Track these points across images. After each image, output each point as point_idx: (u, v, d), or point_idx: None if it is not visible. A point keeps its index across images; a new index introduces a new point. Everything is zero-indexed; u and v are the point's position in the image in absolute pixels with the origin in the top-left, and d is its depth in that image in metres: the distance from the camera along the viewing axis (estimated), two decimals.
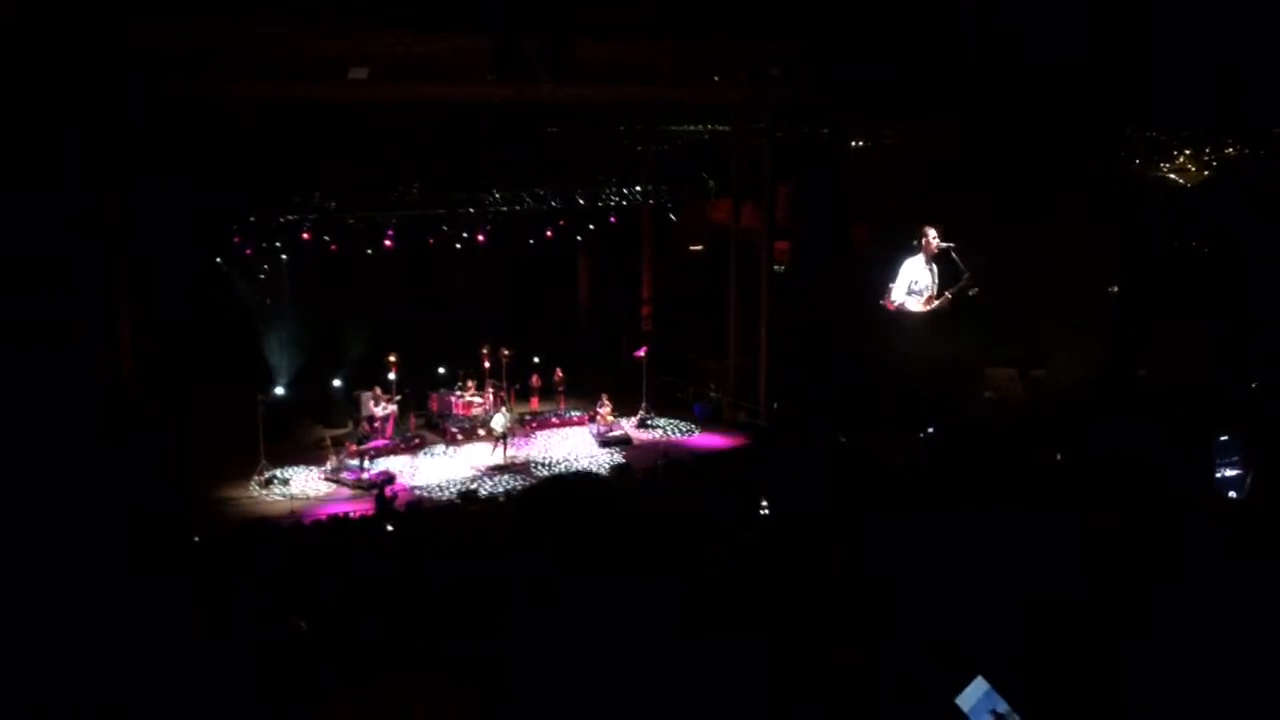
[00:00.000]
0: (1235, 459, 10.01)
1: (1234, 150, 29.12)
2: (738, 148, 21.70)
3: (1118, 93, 22.67)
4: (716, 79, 20.51)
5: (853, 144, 26.47)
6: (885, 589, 6.91)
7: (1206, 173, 29.29)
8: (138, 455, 15.07)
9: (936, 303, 20.09)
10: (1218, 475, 9.94)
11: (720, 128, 25.95)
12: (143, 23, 14.83)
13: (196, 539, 13.53)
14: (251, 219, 18.34)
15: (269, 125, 19.58)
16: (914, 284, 21.19)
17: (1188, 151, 29.54)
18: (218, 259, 18.42)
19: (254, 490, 17.46)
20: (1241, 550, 6.90)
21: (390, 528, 13.70)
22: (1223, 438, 10.22)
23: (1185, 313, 20.10)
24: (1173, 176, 29.71)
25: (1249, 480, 9.74)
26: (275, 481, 17.67)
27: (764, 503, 12.10)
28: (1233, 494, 9.80)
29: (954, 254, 20.03)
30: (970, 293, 20.16)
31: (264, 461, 17.85)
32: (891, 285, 21.63)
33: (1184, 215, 25.87)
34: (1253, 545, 6.98)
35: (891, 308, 21.48)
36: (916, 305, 20.84)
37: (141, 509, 13.42)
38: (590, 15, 17.75)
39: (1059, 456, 13.82)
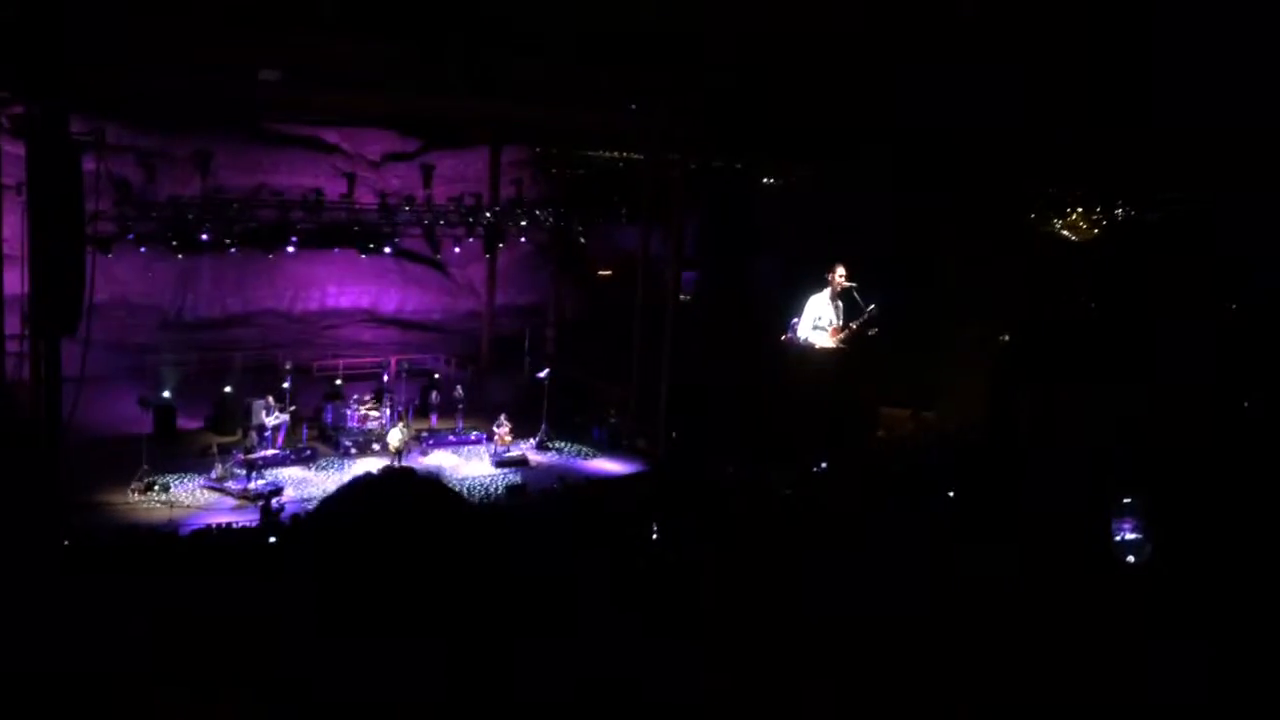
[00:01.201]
0: (1135, 522, 9.84)
1: (1123, 211, 30.46)
2: (650, 176, 21.90)
3: (1019, 148, 23.53)
4: (634, 107, 20.72)
5: (764, 179, 26.95)
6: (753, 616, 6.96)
7: (1096, 231, 30.56)
8: (13, 453, 14.46)
9: (841, 335, 20.48)
10: (1117, 538, 9.81)
11: (634, 156, 26.18)
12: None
13: (66, 543, 12.98)
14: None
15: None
16: (819, 319, 21.59)
17: (1080, 209, 30.79)
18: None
19: (132, 496, 16.85)
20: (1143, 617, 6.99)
21: (273, 540, 13.34)
22: (1125, 500, 10.09)
23: (1076, 367, 20.79)
24: (1065, 233, 30.92)
25: (1149, 546, 9.63)
26: (155, 487, 17.08)
27: (654, 528, 12.15)
28: (1131, 559, 9.68)
29: (856, 294, 20.47)
30: (870, 331, 20.63)
31: (145, 466, 17.24)
32: (795, 320, 21.99)
33: (1075, 270, 26.93)
34: (1155, 612, 7.07)
35: (793, 343, 21.83)
36: (823, 339, 21.24)
37: (10, 509, 12.84)
38: (513, 33, 17.83)
39: (950, 495, 14.11)
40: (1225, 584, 7.34)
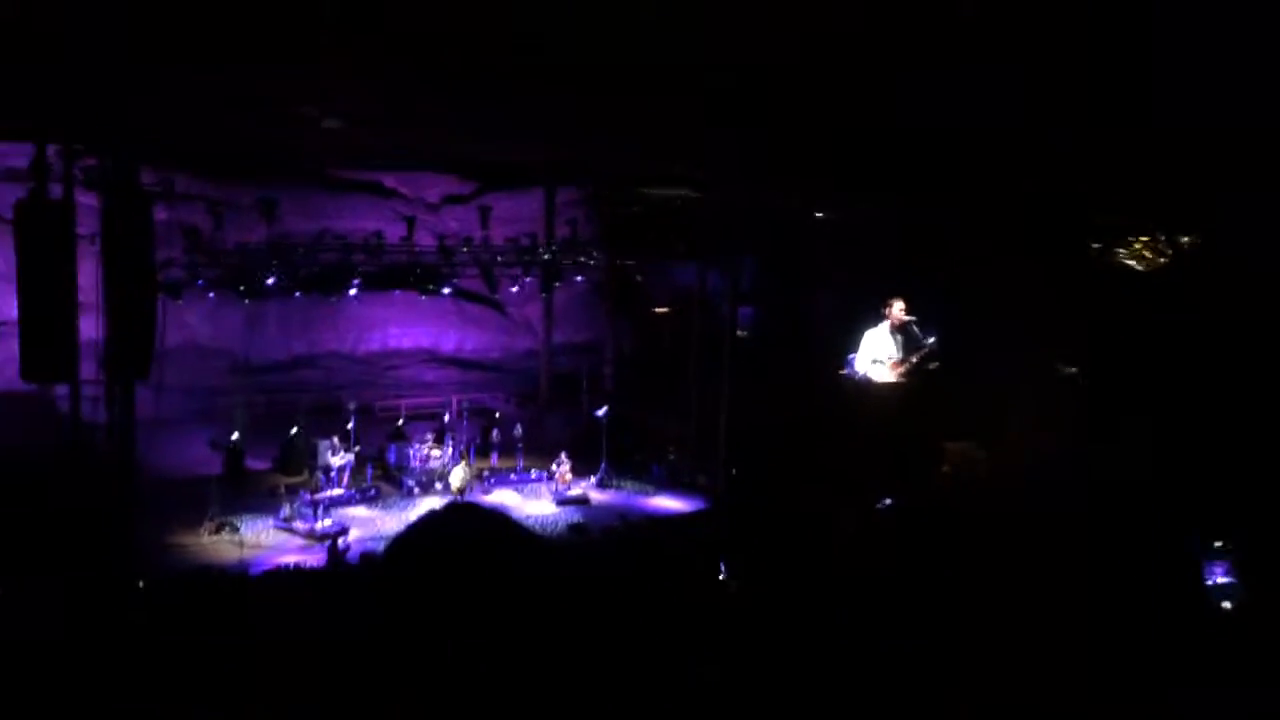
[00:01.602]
0: (1227, 565, 9.40)
1: (1189, 240, 29.83)
2: (706, 213, 21.98)
3: (1079, 177, 23.21)
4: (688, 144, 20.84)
5: (819, 214, 26.87)
6: (842, 657, 6.88)
7: (1163, 260, 29.95)
8: (89, 495, 14.82)
9: (902, 369, 20.30)
10: (1209, 582, 9.38)
11: (690, 193, 26.29)
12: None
13: (140, 584, 13.25)
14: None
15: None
16: (878, 354, 21.40)
17: (1144, 238, 30.21)
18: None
19: (203, 536, 17.14)
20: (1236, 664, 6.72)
21: (341, 578, 13.48)
22: (1216, 542, 9.66)
23: (1151, 401, 20.27)
24: (1129, 262, 30.33)
25: (1242, 590, 9.14)
26: (226, 528, 17.36)
27: (722, 566, 12.06)
28: (1226, 605, 9.22)
29: (915, 327, 20.29)
30: (931, 365, 20.40)
31: (215, 506, 17.56)
32: (853, 355, 21.82)
33: (1142, 300, 26.40)
34: (1250, 659, 6.79)
35: (851, 378, 21.65)
36: (883, 374, 21.05)
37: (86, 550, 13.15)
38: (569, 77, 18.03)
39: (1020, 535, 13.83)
40: None
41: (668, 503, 20.41)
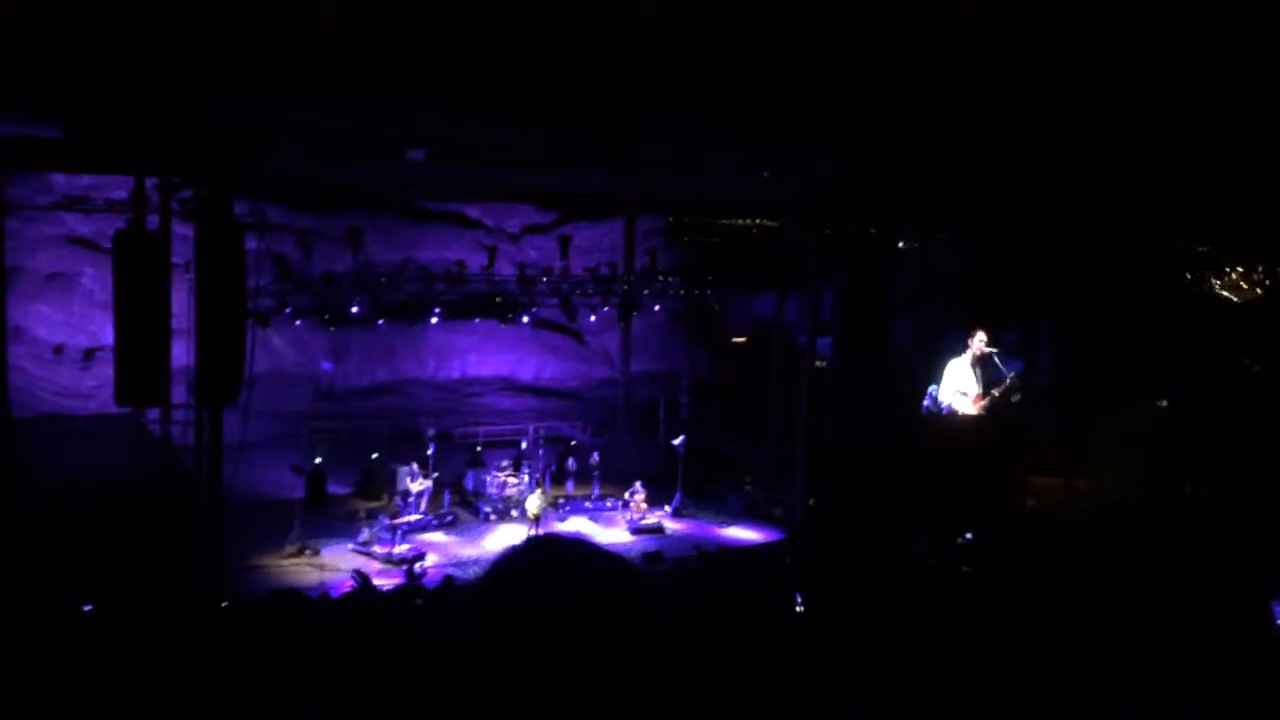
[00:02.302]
0: None
1: None
2: (784, 243, 21.90)
3: (1168, 205, 22.61)
4: (766, 176, 20.84)
5: (900, 244, 26.59)
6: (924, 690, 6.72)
7: (1259, 290, 28.94)
8: (179, 516, 15.24)
9: (984, 402, 19.91)
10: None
11: (768, 223, 26.25)
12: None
13: (224, 604, 13.54)
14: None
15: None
16: (960, 386, 21.04)
17: (1240, 269, 29.25)
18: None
19: (285, 559, 17.49)
20: None
21: (419, 603, 13.61)
22: None
23: (1241, 434, 19.58)
24: (1224, 293, 29.37)
25: None
26: (307, 551, 17.70)
27: (799, 598, 11.90)
28: None
29: (997, 359, 19.92)
30: (1014, 398, 19.99)
31: (297, 529, 17.91)
32: (934, 387, 21.46)
33: (1236, 332, 25.52)
34: None
35: (933, 411, 21.28)
36: (965, 405, 20.68)
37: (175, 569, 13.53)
38: (645, 112, 18.21)
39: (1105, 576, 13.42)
40: None
41: (743, 533, 20.22)
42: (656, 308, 25.04)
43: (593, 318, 24.19)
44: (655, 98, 17.26)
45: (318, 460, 20.54)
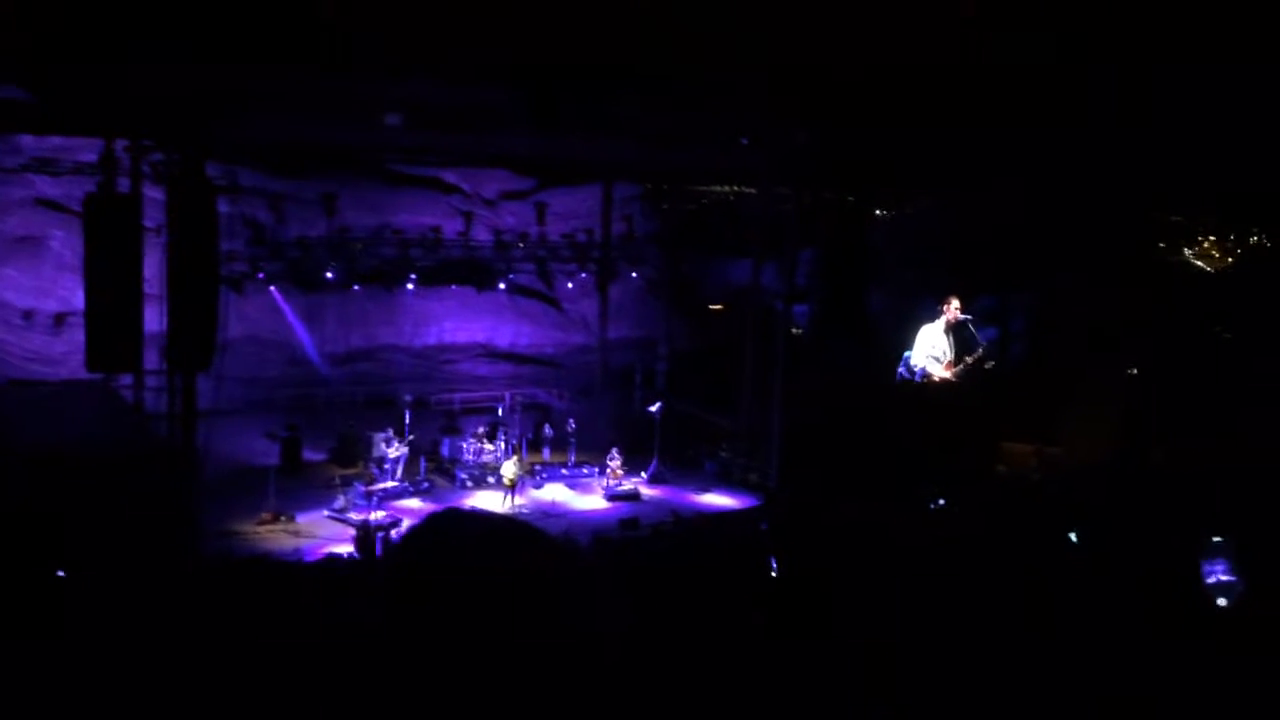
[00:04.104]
0: (1228, 563, 9.34)
1: (1259, 239, 29.07)
2: (762, 210, 21.89)
3: (1142, 174, 22.72)
4: (744, 142, 20.79)
5: (877, 211, 26.65)
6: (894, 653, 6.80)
7: (1230, 260, 29.22)
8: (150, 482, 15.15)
9: (956, 369, 20.05)
10: (1208, 580, 9.32)
11: (746, 190, 26.22)
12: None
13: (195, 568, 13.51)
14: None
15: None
16: (933, 350, 21.16)
17: (1212, 238, 29.50)
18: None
19: (259, 525, 17.47)
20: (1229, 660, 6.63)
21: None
22: (1216, 539, 9.60)
23: (1210, 401, 19.82)
24: (1197, 262, 29.65)
25: (1239, 589, 9.09)
26: (282, 517, 17.67)
27: (773, 562, 11.99)
28: (1222, 601, 9.16)
29: (971, 326, 20.03)
30: (986, 365, 20.13)
31: (272, 496, 17.87)
32: (908, 353, 21.57)
33: (1207, 300, 25.77)
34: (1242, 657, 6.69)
35: (909, 378, 21.40)
36: (937, 370, 20.82)
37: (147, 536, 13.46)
38: (622, 75, 18.08)
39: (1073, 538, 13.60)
40: None
41: (719, 499, 20.35)
42: (634, 274, 25.01)
43: (570, 284, 24.16)
44: (636, 60, 17.17)
45: (292, 427, 20.45)
